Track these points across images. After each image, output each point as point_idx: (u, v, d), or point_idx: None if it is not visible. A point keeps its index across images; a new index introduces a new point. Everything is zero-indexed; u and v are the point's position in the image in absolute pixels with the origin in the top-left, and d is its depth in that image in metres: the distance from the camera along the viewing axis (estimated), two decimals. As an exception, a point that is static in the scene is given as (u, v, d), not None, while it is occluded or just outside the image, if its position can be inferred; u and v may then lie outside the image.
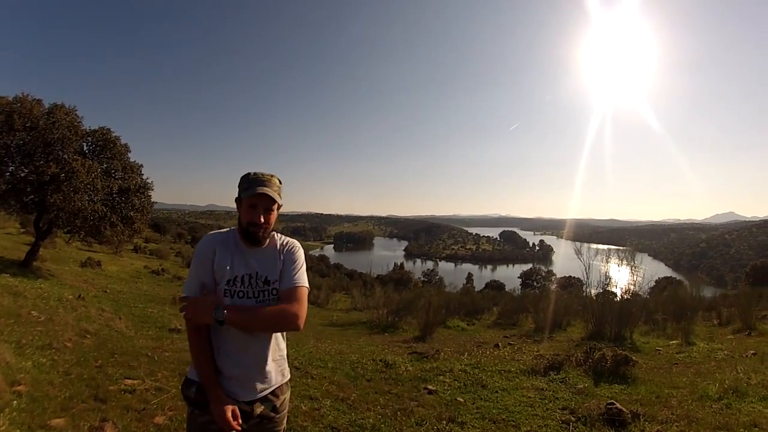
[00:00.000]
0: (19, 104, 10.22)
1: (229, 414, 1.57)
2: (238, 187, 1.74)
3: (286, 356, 1.84)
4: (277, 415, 1.76)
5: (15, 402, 2.91)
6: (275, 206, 1.72)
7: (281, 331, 1.76)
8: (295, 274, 1.73)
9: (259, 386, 1.70)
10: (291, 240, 1.84)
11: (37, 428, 2.72)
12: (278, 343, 1.78)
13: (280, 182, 1.77)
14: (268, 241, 1.78)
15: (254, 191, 1.67)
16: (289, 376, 1.85)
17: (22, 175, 10.46)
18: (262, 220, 1.69)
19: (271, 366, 1.74)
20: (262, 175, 1.72)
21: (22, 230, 20.16)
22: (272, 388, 1.75)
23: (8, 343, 4.00)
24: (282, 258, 1.76)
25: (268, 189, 1.68)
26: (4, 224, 20.35)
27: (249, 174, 1.73)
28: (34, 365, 3.68)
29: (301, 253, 1.81)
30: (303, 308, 1.68)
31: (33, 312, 5.44)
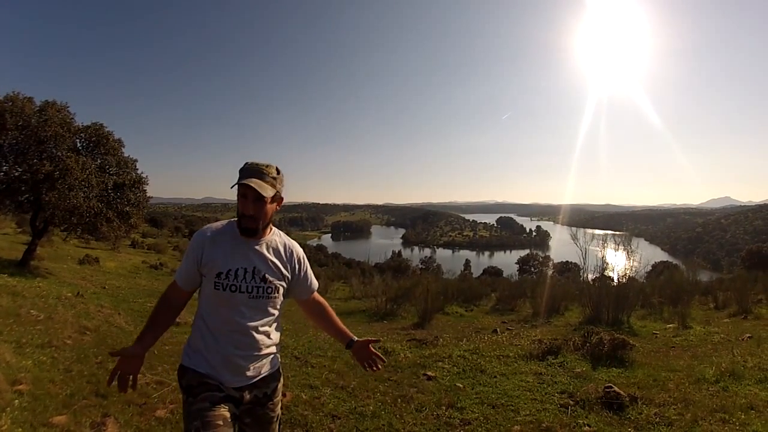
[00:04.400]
0: (10, 103, 10.07)
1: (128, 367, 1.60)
2: None
3: (279, 345, 1.84)
4: (269, 402, 1.77)
5: (17, 401, 2.91)
6: (268, 198, 1.65)
7: None
8: (312, 281, 1.93)
9: (250, 373, 1.70)
10: (294, 243, 1.87)
11: (39, 426, 2.73)
12: (275, 331, 1.78)
13: (279, 172, 1.72)
14: (268, 235, 1.76)
15: (241, 181, 1.63)
16: (279, 364, 1.85)
17: (16, 174, 10.36)
18: (251, 211, 1.65)
19: (264, 354, 1.73)
20: (257, 164, 1.67)
21: (19, 230, 20.08)
22: (262, 376, 1.75)
23: (8, 342, 3.99)
24: (290, 263, 1.81)
25: (256, 180, 1.63)
26: (1, 224, 20.24)
27: (246, 163, 1.70)
28: (35, 364, 3.68)
29: (305, 259, 1.91)
30: None
31: (32, 311, 5.43)
